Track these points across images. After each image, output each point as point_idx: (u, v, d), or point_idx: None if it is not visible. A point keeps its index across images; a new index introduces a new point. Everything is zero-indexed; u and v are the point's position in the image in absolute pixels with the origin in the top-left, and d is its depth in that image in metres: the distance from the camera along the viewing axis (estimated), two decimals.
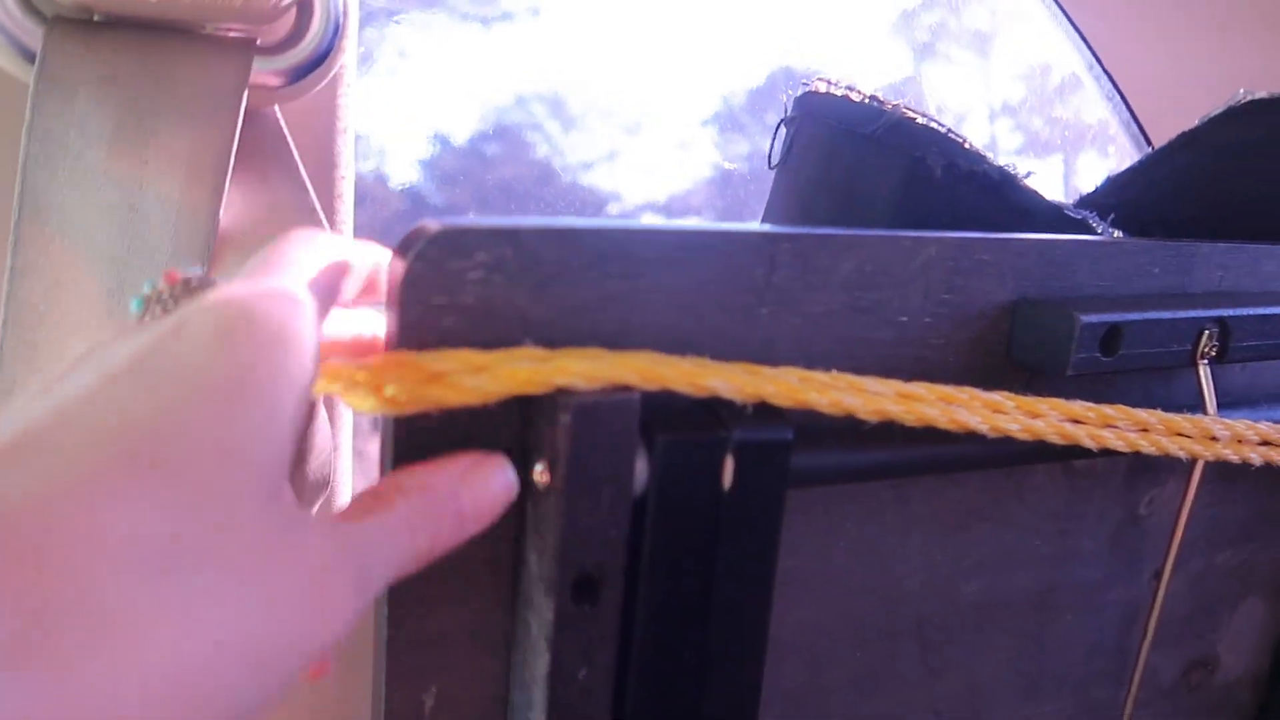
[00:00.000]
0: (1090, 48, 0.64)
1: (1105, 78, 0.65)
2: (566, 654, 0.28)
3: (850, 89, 0.43)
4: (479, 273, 0.26)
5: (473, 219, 0.27)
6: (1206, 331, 0.37)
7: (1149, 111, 0.70)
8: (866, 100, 0.42)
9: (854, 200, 0.42)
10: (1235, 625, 0.49)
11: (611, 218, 0.32)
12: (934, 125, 0.42)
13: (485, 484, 0.25)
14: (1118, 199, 0.54)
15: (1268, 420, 0.38)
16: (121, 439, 0.18)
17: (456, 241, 0.26)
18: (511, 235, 0.27)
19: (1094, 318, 0.34)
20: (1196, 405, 0.37)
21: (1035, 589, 0.41)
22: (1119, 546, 0.43)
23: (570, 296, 0.28)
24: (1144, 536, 0.43)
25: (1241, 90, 0.51)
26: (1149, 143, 0.75)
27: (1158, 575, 0.45)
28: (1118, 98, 0.66)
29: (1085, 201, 0.54)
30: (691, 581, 0.28)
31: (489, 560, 0.29)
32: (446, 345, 0.26)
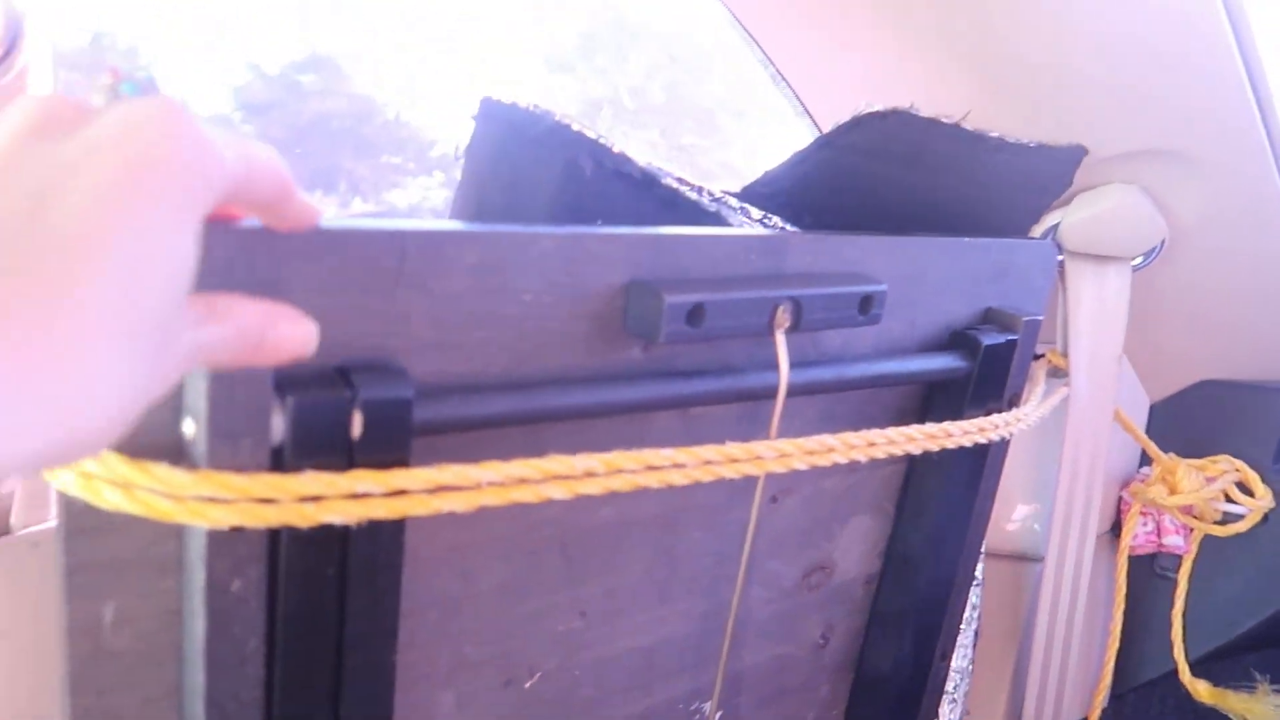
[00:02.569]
0: (772, 62, 0.75)
1: (786, 86, 0.76)
2: (220, 570, 0.34)
3: (518, 98, 0.50)
4: None
5: None
6: (781, 307, 0.47)
7: (825, 112, 0.82)
8: (531, 108, 0.50)
9: (520, 193, 0.50)
10: (847, 536, 0.61)
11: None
12: (585, 131, 0.50)
13: (288, 332, 0.30)
14: (773, 189, 0.64)
15: (831, 369, 0.50)
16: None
17: None
18: None
19: (679, 297, 0.43)
20: (775, 366, 0.47)
21: (664, 512, 0.51)
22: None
23: (220, 287, 0.34)
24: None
25: (864, 102, 0.62)
26: None
27: (775, 499, 0.56)
28: (797, 102, 0.77)
29: (747, 191, 0.64)
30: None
31: None
32: None
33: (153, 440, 0.33)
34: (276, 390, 0.34)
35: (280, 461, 0.34)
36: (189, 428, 0.33)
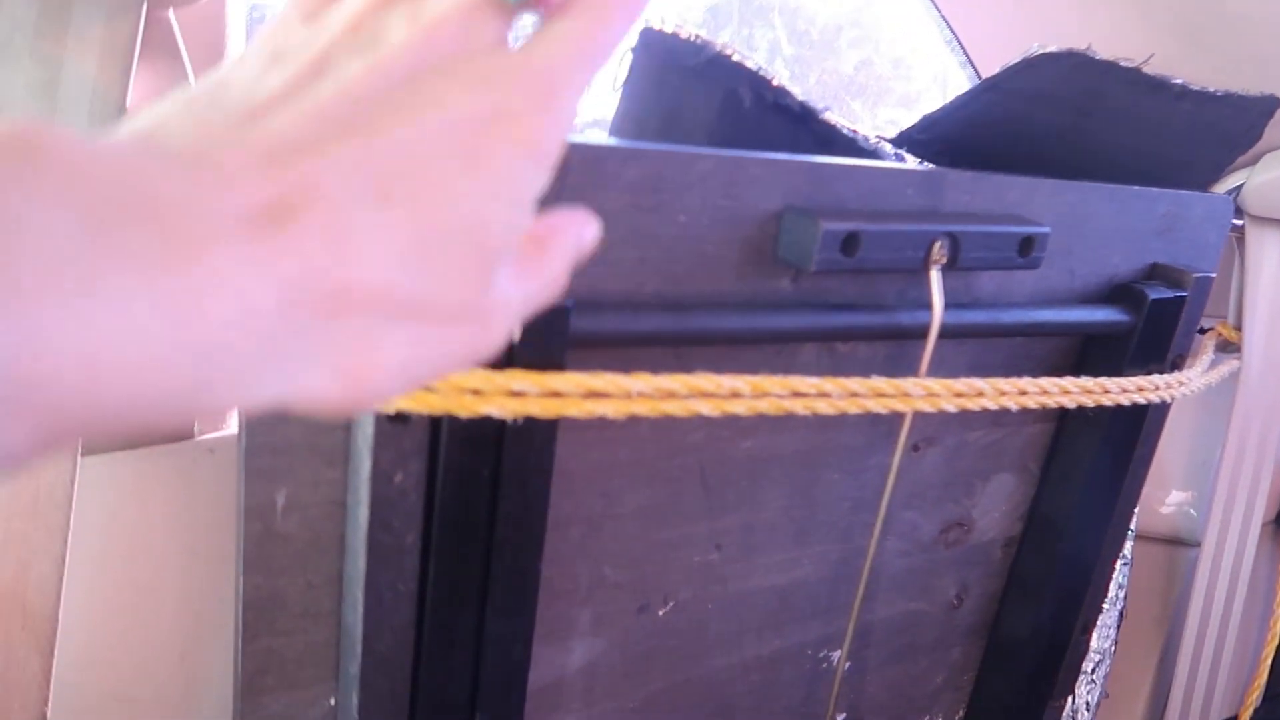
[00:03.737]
0: (948, 22, 0.72)
1: (947, 29, 0.73)
2: (384, 461, 0.36)
3: (679, 27, 0.50)
4: None
5: None
6: (939, 243, 0.45)
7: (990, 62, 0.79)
8: (692, 38, 0.50)
9: (678, 122, 0.50)
10: (988, 495, 0.59)
11: None
12: (745, 62, 0.49)
13: (589, 235, 0.24)
14: (931, 135, 0.62)
15: (985, 313, 0.48)
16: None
17: None
18: None
19: (836, 225, 0.42)
20: (928, 305, 0.46)
21: (804, 449, 0.50)
22: (880, 420, 0.52)
23: None
24: (902, 413, 0.52)
25: (1035, 44, 0.59)
26: None
27: (917, 448, 0.55)
28: (964, 57, 0.74)
29: (903, 136, 0.63)
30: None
31: None
32: None
33: None
34: None
35: None
36: None
